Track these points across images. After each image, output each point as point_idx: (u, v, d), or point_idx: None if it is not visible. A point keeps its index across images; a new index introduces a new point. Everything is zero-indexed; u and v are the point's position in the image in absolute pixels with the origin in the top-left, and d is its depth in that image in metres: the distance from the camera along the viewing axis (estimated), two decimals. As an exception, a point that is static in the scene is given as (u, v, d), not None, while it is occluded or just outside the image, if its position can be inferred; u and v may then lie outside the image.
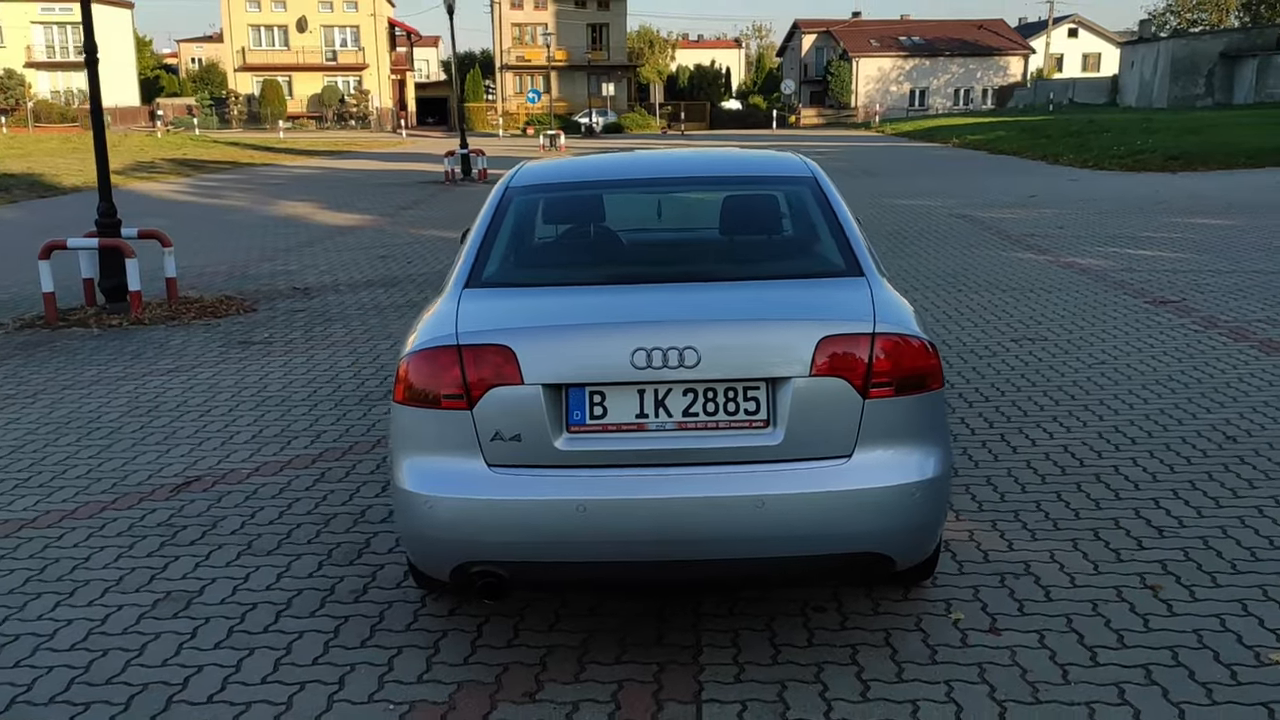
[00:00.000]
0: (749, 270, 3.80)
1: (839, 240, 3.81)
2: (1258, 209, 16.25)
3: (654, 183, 4.35)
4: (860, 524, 3.13)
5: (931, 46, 78.13)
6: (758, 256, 3.98)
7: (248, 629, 3.86)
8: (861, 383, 3.14)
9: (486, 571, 3.20)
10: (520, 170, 4.34)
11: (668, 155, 4.66)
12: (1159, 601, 3.86)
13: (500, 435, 3.16)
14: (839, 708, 3.25)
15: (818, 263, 3.76)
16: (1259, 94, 49.96)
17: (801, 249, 3.90)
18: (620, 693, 3.37)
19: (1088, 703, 3.23)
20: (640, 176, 4.41)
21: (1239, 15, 71.45)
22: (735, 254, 4.06)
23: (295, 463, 5.71)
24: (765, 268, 3.84)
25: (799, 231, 4.00)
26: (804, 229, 3.99)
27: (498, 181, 4.43)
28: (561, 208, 4.35)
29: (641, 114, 70.65)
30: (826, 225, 3.89)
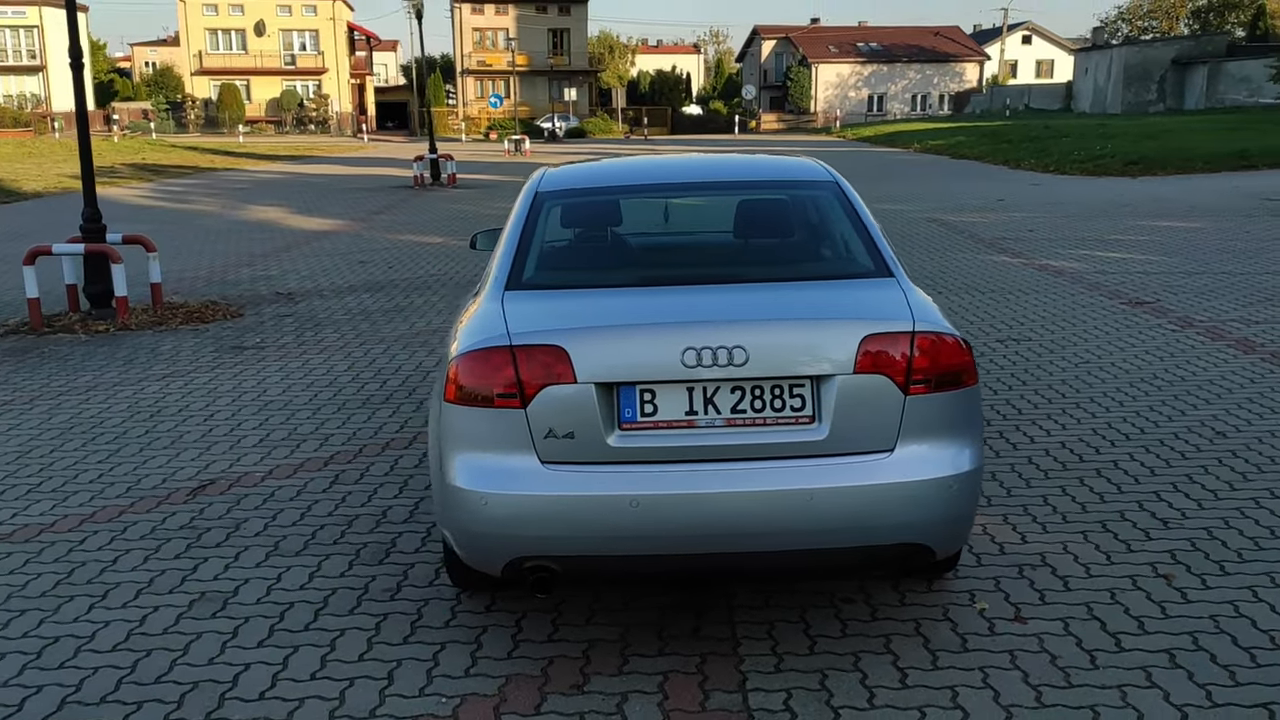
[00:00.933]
0: (784, 272, 3.92)
1: (866, 243, 3.94)
2: (1219, 212, 16.65)
3: (681, 187, 4.46)
4: (903, 516, 3.26)
5: (889, 53, 79.00)
6: (790, 259, 4.10)
7: (289, 627, 3.91)
8: (903, 379, 3.26)
9: (540, 566, 3.29)
10: (546, 175, 4.42)
11: (689, 160, 4.77)
12: (1173, 590, 4.01)
13: (553, 433, 3.25)
14: (880, 694, 3.36)
15: (849, 265, 3.89)
16: (1209, 100, 51.05)
17: (831, 252, 4.02)
18: (666, 683, 3.46)
19: (1118, 686, 3.37)
20: (667, 181, 4.52)
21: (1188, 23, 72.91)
22: (768, 256, 4.18)
23: (308, 465, 5.75)
24: (799, 269, 3.96)
25: (827, 234, 4.12)
26: (831, 232, 4.11)
27: (525, 186, 4.50)
28: (592, 211, 4.45)
29: (604, 119, 70.81)
30: (853, 228, 4.02)
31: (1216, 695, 3.29)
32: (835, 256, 3.97)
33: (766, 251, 4.21)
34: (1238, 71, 50.55)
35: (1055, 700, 3.30)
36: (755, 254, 4.22)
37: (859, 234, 3.99)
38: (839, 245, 4.01)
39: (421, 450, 5.96)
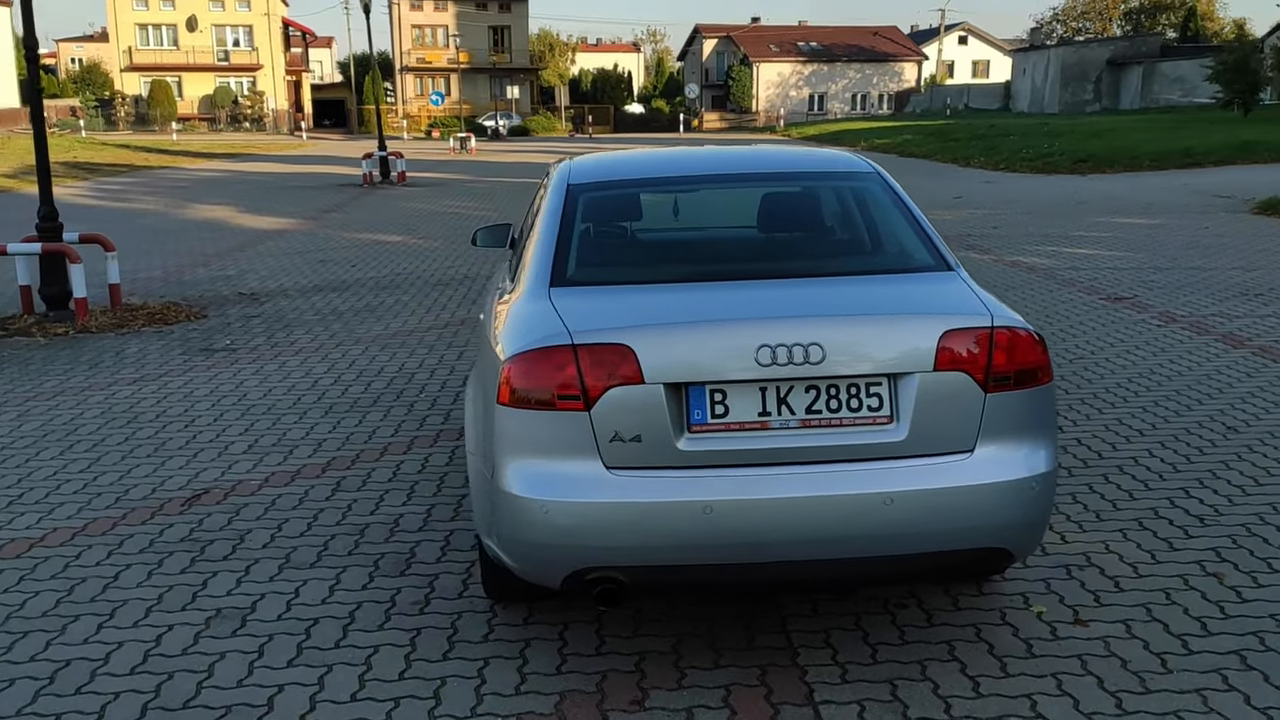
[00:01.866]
0: (845, 266, 3.79)
1: (921, 237, 3.81)
2: (1175, 209, 16.89)
3: (721, 179, 4.29)
4: (984, 519, 3.13)
5: (829, 52, 79.55)
6: (847, 252, 3.96)
7: (318, 645, 3.69)
8: (983, 377, 3.13)
9: (606, 577, 3.11)
10: (574, 168, 4.23)
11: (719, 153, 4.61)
12: (1226, 588, 3.95)
13: (619, 436, 3.07)
14: (956, 705, 3.24)
15: (908, 258, 3.75)
16: (1144, 99, 52.08)
17: (888, 245, 3.89)
18: (730, 697, 3.31)
19: (1196, 690, 3.28)
20: (707, 173, 4.35)
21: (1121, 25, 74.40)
22: (825, 250, 4.03)
23: (305, 472, 5.50)
24: (859, 263, 3.83)
25: (879, 228, 3.98)
26: (883, 225, 3.98)
27: (552, 179, 4.30)
28: (631, 205, 4.26)
29: (547, 117, 70.43)
30: (904, 220, 3.89)
31: (1298, 698, 3.22)
32: (893, 251, 3.83)
33: (821, 245, 4.06)
34: (1172, 72, 51.63)
35: (1136, 707, 3.20)
36: (810, 247, 4.06)
37: (911, 227, 3.86)
38: (894, 239, 3.87)
39: (423, 455, 5.74)
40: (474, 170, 31.98)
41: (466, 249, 14.32)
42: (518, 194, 23.30)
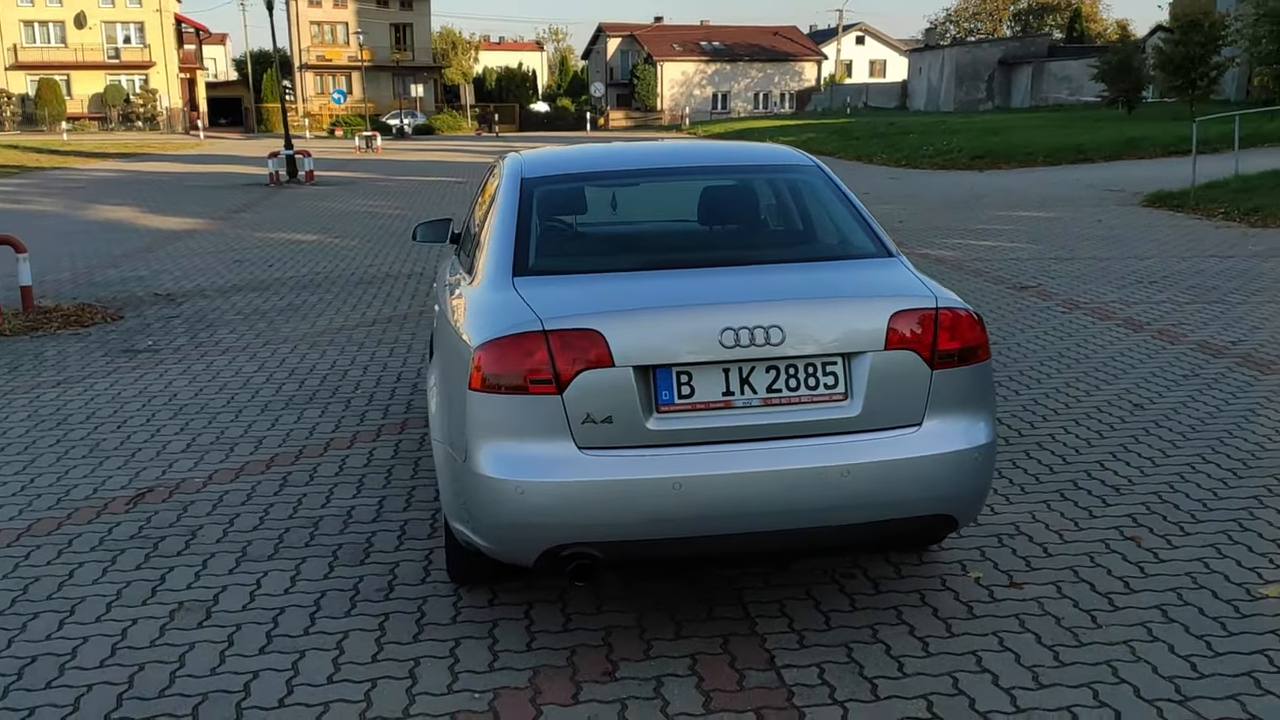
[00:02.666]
0: (794, 253, 3.98)
1: (861, 225, 4.03)
2: (1070, 202, 17.59)
3: (669, 172, 4.44)
4: (933, 488, 3.35)
5: (732, 52, 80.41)
6: (795, 241, 4.15)
7: (287, 633, 3.74)
8: (929, 355, 3.35)
9: (580, 554, 3.24)
10: (525, 163, 4.33)
11: (665, 146, 4.75)
12: (1144, 550, 4.24)
13: (591, 418, 3.21)
14: (909, 663, 3.45)
15: (852, 245, 3.95)
16: (1034, 98, 53.87)
17: (831, 233, 4.08)
18: (696, 665, 3.47)
19: (1124, 641, 3.54)
20: (654, 166, 4.49)
21: (1011, 25, 76.73)
22: (775, 238, 4.21)
23: (249, 469, 5.50)
24: (807, 250, 4.02)
25: (822, 217, 4.18)
26: (825, 214, 4.17)
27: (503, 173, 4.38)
28: (583, 197, 4.39)
29: (452, 115, 69.85)
30: (846, 210, 4.10)
31: (1216, 645, 3.50)
32: (838, 239, 4.03)
33: (771, 234, 4.25)
34: (1059, 71, 53.48)
35: (1072, 659, 3.45)
36: (761, 236, 4.25)
37: (853, 217, 4.07)
38: (837, 228, 4.08)
39: (367, 449, 5.79)
40: (382, 169, 31.66)
41: (385, 247, 14.27)
42: (430, 193, 23.20)
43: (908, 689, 3.30)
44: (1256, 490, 4.84)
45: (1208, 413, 6.03)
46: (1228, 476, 5.02)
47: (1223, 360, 7.21)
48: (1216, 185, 16.64)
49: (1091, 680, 3.31)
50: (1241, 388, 6.52)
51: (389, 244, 14.67)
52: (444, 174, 29.29)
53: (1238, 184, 16.42)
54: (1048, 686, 3.29)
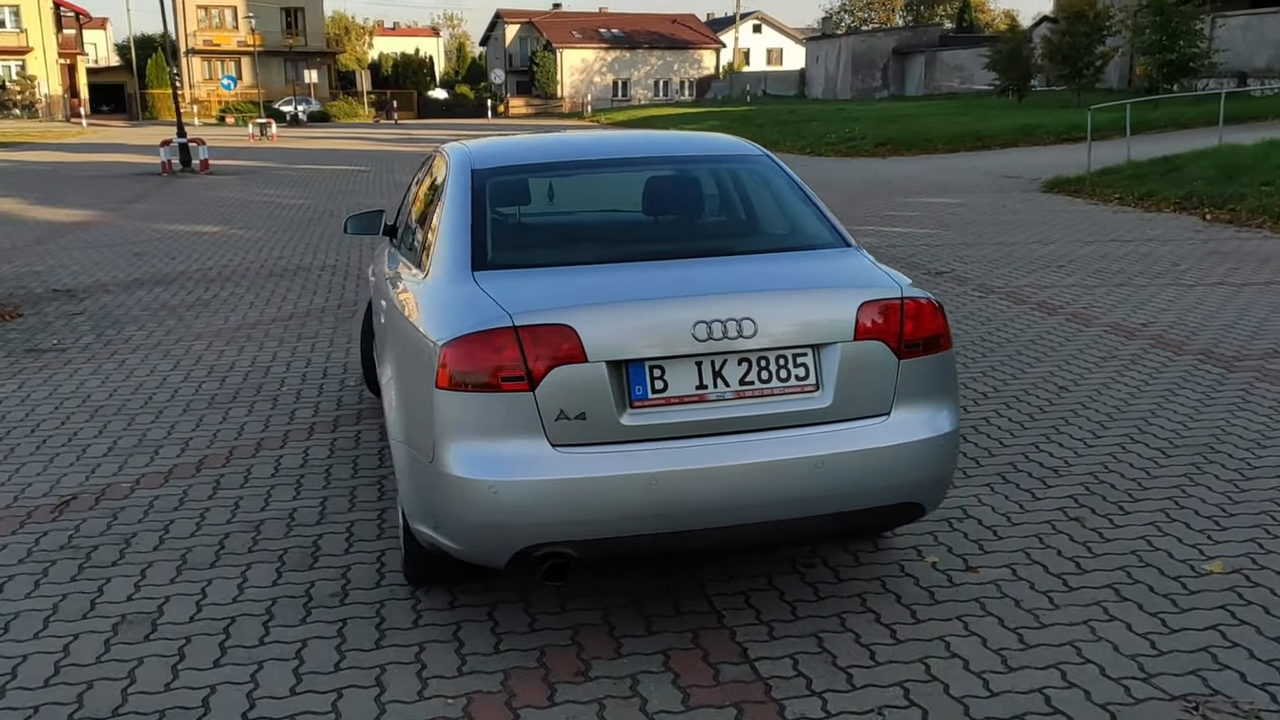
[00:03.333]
0: (757, 244, 3.97)
1: (817, 215, 4.04)
2: (973, 189, 18.01)
3: (621, 162, 4.37)
4: (902, 476, 3.37)
5: (631, 39, 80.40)
6: (757, 230, 4.13)
7: (241, 643, 3.61)
8: (896, 344, 3.37)
9: (554, 553, 3.18)
10: (473, 154, 4.22)
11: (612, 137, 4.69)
12: (1089, 530, 4.35)
13: (564, 414, 3.15)
14: (879, 651, 3.47)
15: (812, 236, 3.95)
16: (928, 86, 54.99)
17: (790, 223, 4.07)
18: (670, 661, 3.44)
19: (1084, 621, 3.62)
20: (605, 157, 4.42)
21: (903, 15, 78.22)
22: (736, 229, 4.19)
23: (178, 472, 5.30)
24: (769, 240, 4.01)
25: (779, 206, 4.17)
26: (782, 204, 4.16)
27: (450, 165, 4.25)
28: (539, 189, 4.32)
29: (349, 102, 68.47)
30: (801, 200, 4.10)
31: (1170, 622, 3.60)
32: (797, 229, 4.03)
33: (729, 225, 4.22)
34: (951, 60, 54.67)
35: (1037, 640, 3.52)
36: (721, 227, 4.22)
37: (808, 206, 4.08)
38: (795, 218, 4.07)
39: (301, 448, 5.62)
40: (280, 158, 30.86)
41: (293, 239, 13.90)
42: (334, 182, 22.69)
43: (882, 677, 3.32)
44: (1185, 469, 5.01)
45: (1129, 393, 6.22)
46: (1157, 456, 5.19)
47: (1137, 342, 7.45)
48: (1111, 171, 17.19)
49: (1058, 661, 3.38)
50: (1157, 369, 6.75)
51: (296, 235, 14.30)
52: (346, 163, 28.70)
53: (1131, 170, 16.97)
54: (1017, 669, 3.35)
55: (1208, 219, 13.55)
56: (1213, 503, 4.59)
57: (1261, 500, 4.61)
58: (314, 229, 14.93)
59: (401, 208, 5.31)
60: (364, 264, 11.68)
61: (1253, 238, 12.07)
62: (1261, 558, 4.06)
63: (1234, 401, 6.02)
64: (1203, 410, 5.87)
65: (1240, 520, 4.40)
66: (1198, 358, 7.00)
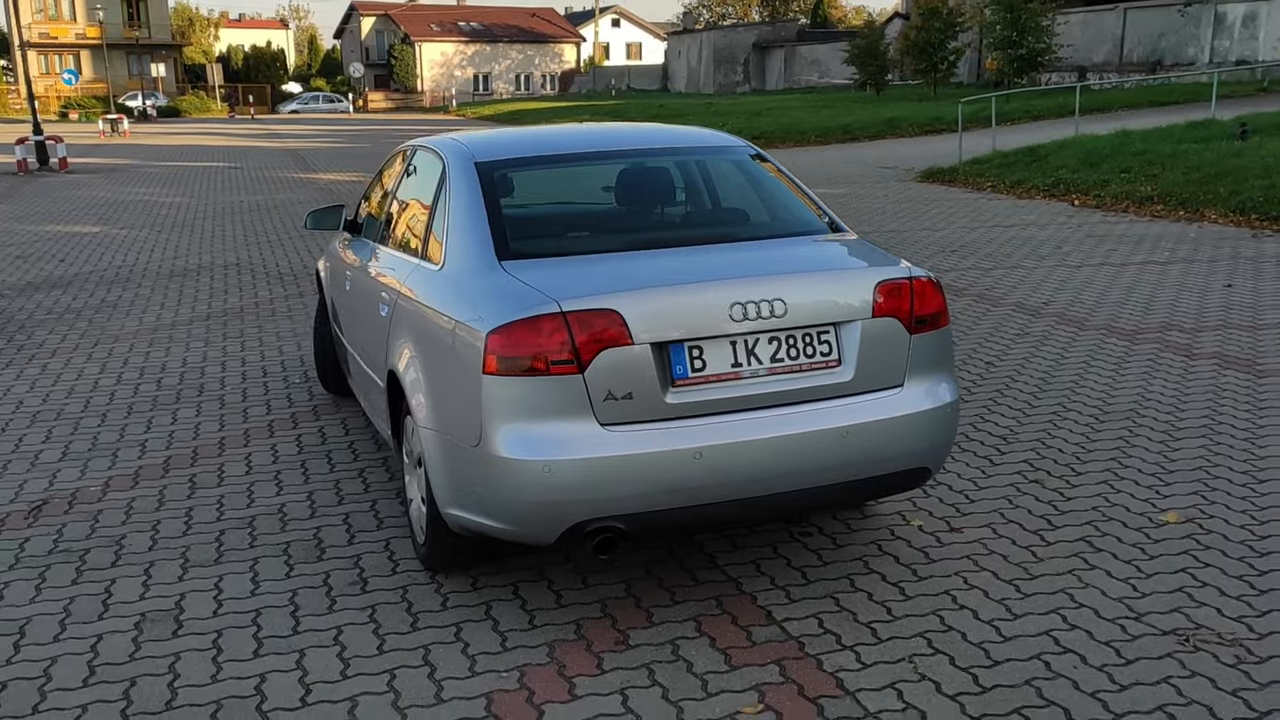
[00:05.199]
0: (767, 229, 4.17)
1: (810, 201, 4.27)
2: (852, 180, 18.65)
3: (621, 154, 4.48)
4: (915, 443, 3.63)
5: (491, 33, 79.83)
6: (763, 216, 4.31)
7: (276, 634, 3.64)
8: (908, 320, 3.63)
9: (605, 527, 3.33)
10: (473, 147, 4.29)
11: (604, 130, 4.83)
12: (1051, 491, 4.71)
13: (612, 395, 3.30)
14: (894, 607, 3.73)
15: (811, 222, 4.19)
16: (788, 80, 56.29)
17: (790, 210, 4.28)
18: (702, 626, 3.63)
19: (1069, 571, 3.95)
20: (605, 149, 4.54)
21: (760, 10, 79.80)
22: (741, 217, 4.37)
23: (146, 474, 5.22)
24: (777, 226, 4.20)
25: (776, 194, 4.37)
26: (777, 192, 4.37)
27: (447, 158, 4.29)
28: (546, 180, 4.42)
29: (199, 96, 66.05)
30: (795, 188, 4.33)
31: (1143, 567, 3.97)
32: (797, 215, 4.25)
33: (736, 212, 4.40)
34: (809, 55, 56.07)
35: (1031, 590, 3.83)
36: (728, 214, 4.40)
37: (802, 194, 4.31)
38: (792, 205, 4.29)
39: (268, 445, 5.60)
40: (139, 155, 29.67)
41: (181, 238, 13.50)
42: (205, 178, 22.01)
43: (903, 629, 3.57)
44: (1119, 432, 5.44)
45: (1050, 366, 6.68)
46: (1091, 422, 5.61)
47: (1043, 320, 7.96)
48: (980, 161, 18.06)
49: (1055, 607, 3.69)
50: (1068, 343, 7.24)
51: (184, 234, 13.88)
52: (211, 159, 27.82)
53: (999, 159, 17.87)
54: (1021, 616, 3.64)
55: (1076, 204, 14.41)
56: (1152, 461, 5.02)
57: (1194, 457, 5.06)
58: (200, 227, 14.53)
59: (374, 203, 5.34)
60: (268, 262, 11.49)
61: (1120, 221, 12.91)
62: (1207, 508, 4.47)
63: (1145, 370, 6.53)
64: (1120, 379, 6.35)
65: (1180, 476, 4.83)
66: (1100, 332, 7.53)
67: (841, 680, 3.28)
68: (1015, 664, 3.35)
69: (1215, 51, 30.50)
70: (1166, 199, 13.55)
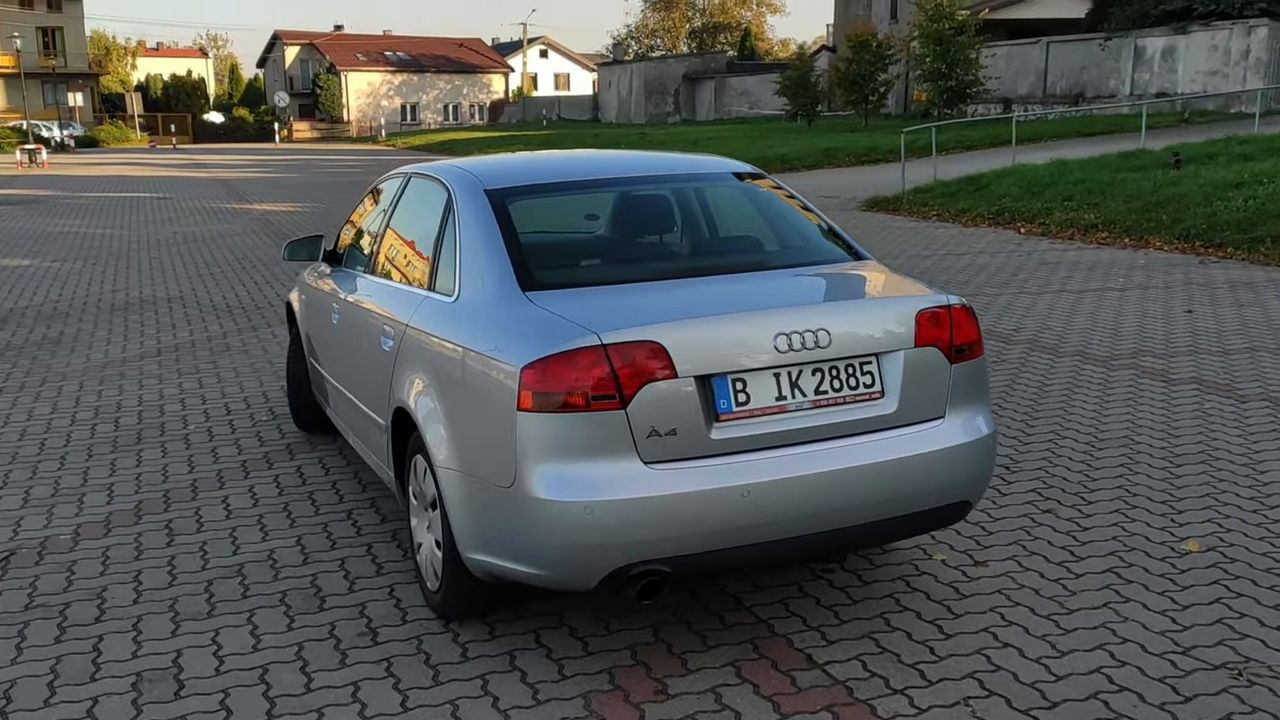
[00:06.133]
0: (797, 257, 4.04)
1: (829, 228, 4.18)
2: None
3: (633, 180, 4.33)
4: (958, 476, 3.52)
5: (418, 63, 79.48)
6: (790, 244, 4.18)
7: (289, 692, 3.40)
8: (948, 350, 3.52)
9: (649, 571, 3.15)
10: (478, 174, 4.10)
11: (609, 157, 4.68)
12: (1066, 520, 4.64)
13: (656, 431, 3.13)
14: (937, 647, 3.60)
15: (838, 249, 4.07)
16: (718, 111, 56.83)
17: (814, 237, 4.17)
18: (742, 671, 3.46)
19: (1105, 604, 3.86)
20: (616, 175, 4.38)
21: (688, 42, 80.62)
22: (764, 245, 4.23)
23: (117, 520, 4.92)
24: (806, 254, 4.07)
25: (794, 222, 4.26)
26: (796, 220, 4.27)
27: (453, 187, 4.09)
28: (560, 208, 4.26)
29: (118, 126, 64.56)
30: (813, 215, 4.23)
31: (1178, 599, 3.89)
32: (822, 242, 4.13)
33: (759, 240, 4.27)
34: (739, 86, 56.70)
35: (1071, 625, 3.72)
36: (752, 242, 4.27)
37: (821, 221, 4.21)
38: (815, 232, 4.19)
39: (245, 486, 5.32)
40: (61, 186, 28.80)
41: (118, 271, 13.04)
42: (134, 210, 21.39)
43: (951, 670, 3.45)
44: (1120, 459, 5.41)
45: (1035, 393, 6.66)
46: (1089, 449, 5.58)
47: (1016, 347, 7.97)
48: (923, 190, 18.27)
49: (1101, 643, 3.59)
50: (1047, 370, 7.25)
51: (120, 267, 13.41)
52: (137, 189, 27.10)
53: (941, 189, 18.10)
54: (1068, 653, 3.53)
55: (1022, 232, 14.61)
56: (1159, 489, 4.99)
57: (1199, 484, 5.03)
58: (137, 260, 14.05)
59: (361, 233, 5.12)
60: (214, 295, 11.12)
61: (1068, 248, 13.09)
62: (1225, 535, 4.44)
63: (1129, 397, 6.54)
64: (1107, 406, 6.35)
65: (1189, 504, 4.80)
66: (1076, 359, 7.56)
67: (899, 727, 3.14)
68: (1074, 705, 3.24)
69: (1136, 84, 31.43)
70: (1111, 226, 13.80)
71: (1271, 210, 12.53)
